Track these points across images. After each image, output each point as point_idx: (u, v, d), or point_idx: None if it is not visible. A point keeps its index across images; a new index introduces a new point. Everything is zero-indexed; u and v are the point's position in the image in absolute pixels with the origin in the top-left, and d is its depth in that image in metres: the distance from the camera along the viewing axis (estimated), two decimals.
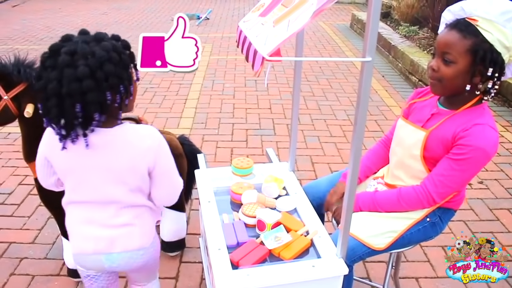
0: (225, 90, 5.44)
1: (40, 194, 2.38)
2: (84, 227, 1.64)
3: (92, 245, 1.63)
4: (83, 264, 1.73)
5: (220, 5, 11.33)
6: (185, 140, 2.71)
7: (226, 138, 4.20)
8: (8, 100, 2.08)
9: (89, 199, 1.60)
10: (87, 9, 11.21)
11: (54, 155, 1.58)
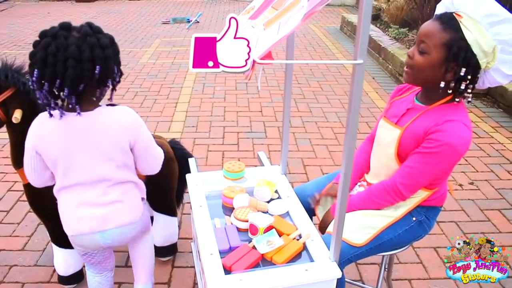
0: (216, 93, 5.43)
1: (30, 201, 2.36)
2: (78, 209, 1.74)
3: (87, 224, 1.74)
4: (80, 244, 1.83)
5: (210, 9, 11.32)
6: (176, 144, 2.70)
7: (217, 142, 4.19)
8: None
9: (80, 181, 1.70)
10: (76, 13, 11.15)
11: (43, 144, 1.66)
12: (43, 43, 1.54)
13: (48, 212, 2.34)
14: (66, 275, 2.52)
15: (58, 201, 1.81)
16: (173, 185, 2.59)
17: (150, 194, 2.50)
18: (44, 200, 2.28)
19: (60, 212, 1.81)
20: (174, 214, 2.67)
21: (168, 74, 6.15)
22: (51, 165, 1.71)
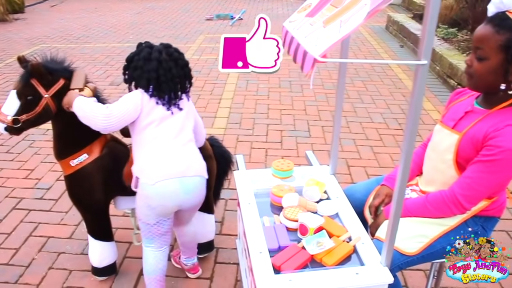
0: (259, 90, 5.43)
1: (70, 193, 2.40)
2: (167, 156, 2.06)
3: (176, 168, 2.05)
4: (160, 198, 2.06)
5: (253, 6, 11.33)
6: (215, 142, 2.70)
7: (261, 139, 4.18)
8: (49, 98, 2.13)
9: (168, 132, 2.07)
10: (121, 9, 11.39)
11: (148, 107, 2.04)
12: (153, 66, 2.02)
13: (87, 204, 2.40)
14: (100, 267, 2.56)
15: (142, 150, 2.07)
16: (211, 183, 2.58)
17: None
18: (84, 192, 2.34)
19: (146, 161, 2.05)
20: (211, 211, 2.67)
21: (212, 70, 6.19)
22: (149, 122, 2.04)
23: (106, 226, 2.51)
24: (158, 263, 2.27)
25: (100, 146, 2.31)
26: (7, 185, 3.58)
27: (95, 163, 2.28)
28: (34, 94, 2.12)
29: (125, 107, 2.01)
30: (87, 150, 2.27)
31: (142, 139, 2.08)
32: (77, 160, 2.26)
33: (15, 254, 2.84)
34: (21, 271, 2.70)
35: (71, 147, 2.27)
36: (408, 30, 7.37)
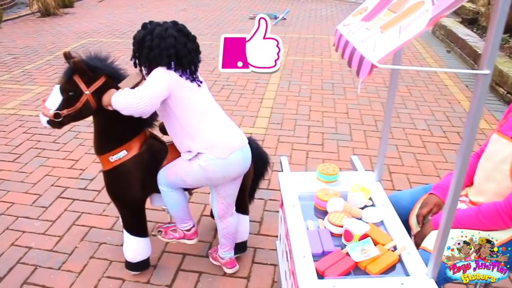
0: (301, 91, 5.40)
1: (108, 188, 2.43)
2: (227, 128, 2.24)
3: (238, 139, 2.24)
4: (225, 174, 2.22)
5: (297, 6, 11.28)
6: (253, 142, 2.63)
7: (302, 141, 4.16)
8: (90, 94, 2.17)
9: (213, 106, 2.27)
10: (167, 5, 11.56)
11: (179, 82, 2.11)
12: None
13: (124, 200, 2.43)
14: (134, 262, 2.59)
15: (200, 127, 2.16)
16: (247, 184, 2.57)
17: None
18: (122, 188, 2.38)
19: (212, 136, 2.16)
20: (246, 212, 2.66)
21: None
22: (181, 107, 2.12)
23: (142, 222, 2.54)
24: (183, 195, 2.41)
25: (139, 143, 2.33)
26: (53, 174, 3.69)
27: (133, 160, 2.31)
28: (76, 90, 2.17)
29: (155, 84, 2.03)
30: (126, 147, 2.30)
31: (192, 117, 2.14)
32: (116, 156, 2.29)
33: (58, 242, 2.92)
34: (64, 258, 2.78)
35: (111, 143, 2.30)
36: (456, 35, 7.18)
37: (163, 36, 2.06)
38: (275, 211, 3.14)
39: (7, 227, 3.06)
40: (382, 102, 5.06)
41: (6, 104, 5.18)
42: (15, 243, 2.91)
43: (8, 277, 2.64)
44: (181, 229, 2.57)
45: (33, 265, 2.73)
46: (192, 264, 2.71)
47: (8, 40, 8.15)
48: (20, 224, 3.09)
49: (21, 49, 7.54)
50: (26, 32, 8.80)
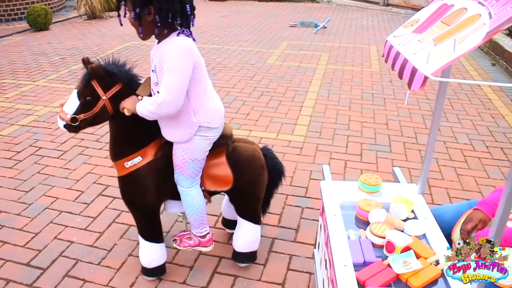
0: (341, 101, 5.38)
1: (123, 194, 2.44)
2: (217, 97, 2.32)
3: (222, 106, 2.34)
4: (217, 135, 2.33)
5: (338, 15, 11.24)
6: (268, 152, 2.64)
7: (340, 150, 4.14)
8: (107, 100, 2.19)
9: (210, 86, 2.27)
10: (208, 11, 11.72)
11: (201, 59, 2.13)
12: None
13: (139, 206, 2.44)
14: (150, 268, 2.60)
15: (204, 99, 2.19)
16: (261, 194, 2.56)
17: (236, 198, 2.54)
18: (137, 194, 2.38)
19: (212, 109, 2.23)
20: (258, 222, 2.63)
21: (294, 77, 6.22)
22: (198, 72, 2.10)
23: (157, 228, 2.54)
24: (202, 195, 2.41)
25: (154, 149, 2.34)
26: (95, 172, 3.80)
27: (148, 166, 2.31)
28: (93, 95, 2.18)
29: (181, 77, 2.01)
30: (142, 153, 2.30)
31: (199, 87, 2.16)
32: (131, 162, 2.30)
33: (99, 238, 3.01)
34: (103, 254, 2.86)
35: (126, 149, 2.31)
36: (502, 47, 7.00)
37: None
38: (312, 219, 3.14)
39: (51, 221, 3.17)
40: (422, 114, 4.99)
41: (53, 103, 5.37)
42: (58, 237, 3.01)
43: (51, 268, 2.74)
44: (198, 235, 2.54)
45: (74, 259, 2.82)
46: (228, 267, 2.74)
47: (56, 41, 8.44)
48: (63, 219, 3.20)
49: (68, 50, 7.79)
50: (73, 34, 9.09)
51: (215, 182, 2.43)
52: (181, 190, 2.38)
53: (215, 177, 2.42)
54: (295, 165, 3.87)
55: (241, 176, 2.41)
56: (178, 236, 2.64)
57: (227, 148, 2.42)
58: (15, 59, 7.28)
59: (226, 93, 5.59)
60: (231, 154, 2.41)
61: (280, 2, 13.19)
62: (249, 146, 2.51)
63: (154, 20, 1.98)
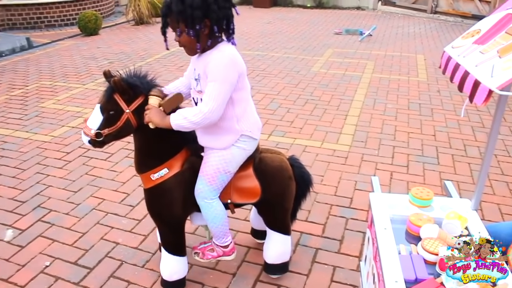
0: (387, 110, 5.28)
1: (149, 206, 2.41)
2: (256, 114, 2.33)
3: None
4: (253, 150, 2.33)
5: (384, 22, 11.08)
6: (295, 162, 2.58)
7: (386, 161, 4.06)
8: (130, 113, 2.16)
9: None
10: (253, 17, 11.79)
11: (245, 68, 2.13)
12: None
13: (165, 218, 2.40)
14: (170, 280, 2.56)
15: (246, 108, 2.21)
16: (289, 205, 2.52)
17: (264, 210, 2.50)
18: (163, 206, 2.35)
19: (253, 119, 2.27)
20: (287, 232, 2.58)
21: (339, 85, 6.15)
22: (242, 81, 2.11)
23: (181, 241, 2.50)
24: (223, 206, 2.37)
25: (181, 161, 2.31)
26: None
27: (175, 178, 2.28)
28: (116, 109, 2.14)
29: (223, 89, 2.03)
30: (168, 165, 2.27)
31: (244, 95, 2.18)
32: (158, 174, 2.26)
33: (143, 240, 3.05)
34: (147, 257, 2.89)
35: (152, 161, 2.27)
36: None
37: None
38: (357, 231, 3.08)
39: (98, 222, 3.24)
40: (472, 126, 4.83)
41: None
42: (104, 237, 3.08)
43: (97, 268, 2.79)
44: (220, 245, 2.50)
45: (119, 260, 2.87)
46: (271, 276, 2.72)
47: (105, 46, 8.69)
48: (109, 220, 3.26)
49: (116, 54, 8.01)
50: (121, 39, 9.34)
51: (242, 194, 2.39)
52: (203, 202, 2.31)
53: (243, 189, 2.38)
54: (339, 175, 3.82)
55: (269, 188, 2.37)
56: (200, 249, 2.58)
57: (254, 160, 2.38)
58: (66, 62, 7.54)
59: (271, 100, 5.60)
60: (258, 166, 2.37)
61: (325, 9, 13.13)
62: (276, 156, 2.47)
63: (209, 32, 2.01)
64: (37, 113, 5.30)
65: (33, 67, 7.34)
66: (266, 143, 4.41)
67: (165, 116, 2.12)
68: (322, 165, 3.99)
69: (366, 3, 13.30)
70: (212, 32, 2.01)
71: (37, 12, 10.20)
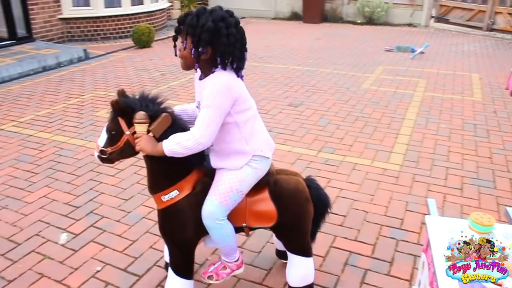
0: (439, 130, 5.14)
1: (161, 227, 2.39)
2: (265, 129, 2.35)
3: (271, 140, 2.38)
4: (266, 170, 2.32)
5: (437, 40, 10.85)
6: (312, 183, 2.51)
7: (439, 182, 3.94)
8: (130, 135, 2.16)
9: (255, 112, 2.27)
10: (302, 33, 11.82)
11: (243, 92, 2.14)
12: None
13: (176, 239, 2.37)
14: None
15: (254, 129, 2.23)
16: (307, 227, 2.45)
17: (282, 233, 2.46)
18: (175, 228, 2.32)
19: (263, 138, 2.28)
20: (308, 254, 2.50)
21: (390, 103, 6.05)
22: (243, 103, 2.14)
23: (190, 264, 2.46)
24: (231, 226, 2.33)
25: (191, 182, 2.28)
26: None
27: (187, 200, 2.26)
28: (117, 130, 2.18)
29: (214, 115, 2.04)
30: (178, 187, 2.25)
31: (249, 117, 2.20)
32: (168, 196, 2.25)
33: None
34: (195, 268, 2.89)
35: (162, 182, 2.26)
36: None
37: (236, 24, 2.09)
38: (408, 253, 2.99)
39: (147, 230, 3.30)
40: None
41: None
42: (153, 246, 3.12)
43: (146, 276, 2.83)
44: (231, 261, 2.48)
45: None
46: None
47: (157, 58, 8.93)
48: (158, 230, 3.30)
49: (168, 66, 8.20)
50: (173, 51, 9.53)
51: (258, 218, 2.35)
52: (214, 224, 2.25)
53: (258, 213, 2.34)
54: (390, 195, 3.74)
55: (285, 211, 2.32)
56: (212, 272, 2.52)
57: (269, 182, 2.35)
58: (120, 73, 7.79)
59: (320, 116, 5.57)
60: (273, 188, 2.34)
61: (375, 26, 13.01)
62: (291, 178, 2.42)
63: (210, 60, 2.08)
64: (92, 122, 5.49)
65: (89, 77, 7.62)
66: (315, 159, 4.39)
67: (157, 143, 2.13)
68: (372, 184, 3.92)
69: (418, 20, 13.09)
70: (214, 62, 2.06)
71: (94, 25, 10.62)
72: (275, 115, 5.66)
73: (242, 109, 2.14)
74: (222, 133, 2.17)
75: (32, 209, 3.59)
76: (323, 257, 2.98)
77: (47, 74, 7.87)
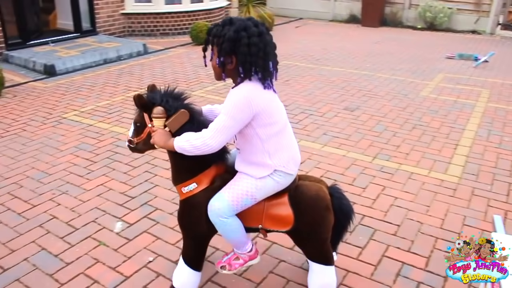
0: (503, 143, 4.92)
1: (180, 216, 2.44)
2: (294, 145, 2.34)
3: (298, 156, 2.37)
4: (290, 178, 2.32)
5: (502, 48, 10.38)
6: (336, 192, 2.46)
7: (500, 198, 3.77)
8: (151, 128, 2.27)
9: (286, 118, 2.29)
10: (360, 36, 11.64)
11: (267, 106, 2.13)
12: None
13: (192, 231, 2.42)
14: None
15: (278, 144, 2.23)
16: (326, 235, 2.40)
17: (298, 240, 2.45)
18: (191, 220, 2.38)
19: (288, 154, 2.26)
20: (328, 263, 2.45)
21: (450, 113, 5.85)
22: (268, 117, 2.14)
23: (201, 257, 2.51)
24: (239, 221, 2.34)
25: (210, 176, 2.34)
26: None
27: (204, 194, 2.31)
28: (141, 122, 2.34)
29: (230, 121, 2.07)
30: (197, 180, 2.31)
31: (274, 132, 2.19)
32: (187, 188, 2.33)
33: None
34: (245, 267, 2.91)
35: (183, 174, 2.35)
36: None
37: (260, 33, 2.06)
38: None
39: None
40: None
41: None
42: None
43: None
44: (243, 252, 2.51)
45: None
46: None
47: None
48: None
49: None
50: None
51: (274, 221, 2.36)
52: (218, 220, 2.28)
53: (275, 216, 2.35)
54: (447, 207, 3.61)
55: (302, 217, 2.31)
56: (225, 262, 2.57)
57: (291, 188, 2.35)
58: (177, 69, 7.95)
59: (377, 122, 5.47)
60: (293, 193, 2.34)
61: (436, 32, 12.61)
62: (313, 184, 2.40)
63: (235, 69, 2.10)
64: None
65: (147, 71, 7.82)
66: (370, 165, 4.31)
67: (169, 138, 2.22)
68: (428, 194, 3.80)
69: (483, 27, 12.58)
70: (238, 71, 2.08)
71: (154, 20, 10.88)
72: (331, 118, 5.61)
73: (265, 123, 2.16)
74: (245, 143, 2.25)
75: (90, 196, 3.72)
76: (374, 266, 2.92)
77: (108, 67, 8.15)
